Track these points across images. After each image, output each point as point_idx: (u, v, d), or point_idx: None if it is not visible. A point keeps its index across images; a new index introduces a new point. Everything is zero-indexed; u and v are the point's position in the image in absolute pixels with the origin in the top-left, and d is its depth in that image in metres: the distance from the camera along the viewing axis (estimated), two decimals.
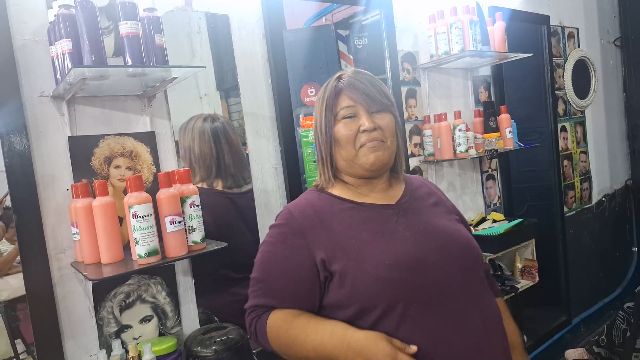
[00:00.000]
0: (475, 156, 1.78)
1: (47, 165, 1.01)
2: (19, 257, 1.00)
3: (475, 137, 1.81)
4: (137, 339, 1.09)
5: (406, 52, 1.77)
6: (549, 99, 2.34)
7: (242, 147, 1.36)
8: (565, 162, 2.51)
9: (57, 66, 0.94)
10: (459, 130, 1.73)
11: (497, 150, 1.83)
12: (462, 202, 1.97)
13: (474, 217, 2.01)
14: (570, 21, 2.57)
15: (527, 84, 2.38)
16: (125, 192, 0.96)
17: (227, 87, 1.40)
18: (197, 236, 1.00)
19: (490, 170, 2.10)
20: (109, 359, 1.02)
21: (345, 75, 0.92)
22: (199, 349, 1.04)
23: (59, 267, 1.01)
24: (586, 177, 2.68)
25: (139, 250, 0.92)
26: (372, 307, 0.81)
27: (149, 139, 1.13)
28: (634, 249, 2.98)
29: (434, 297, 0.82)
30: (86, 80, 0.91)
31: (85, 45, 0.88)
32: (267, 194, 1.35)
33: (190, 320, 1.18)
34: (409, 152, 1.77)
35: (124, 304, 1.08)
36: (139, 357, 1.00)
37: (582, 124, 2.67)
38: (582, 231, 2.59)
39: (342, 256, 0.83)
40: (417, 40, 1.82)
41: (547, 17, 2.35)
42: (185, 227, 0.99)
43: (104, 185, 0.94)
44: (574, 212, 2.55)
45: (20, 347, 1.21)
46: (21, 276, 0.98)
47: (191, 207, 1.00)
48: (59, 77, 0.94)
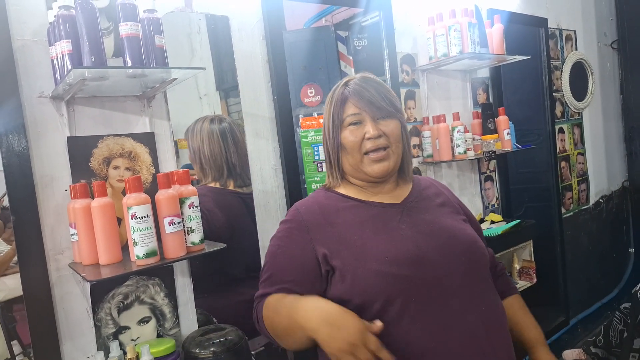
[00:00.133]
0: (473, 157, 1.79)
1: (45, 165, 1.00)
2: (16, 258, 1.00)
3: (473, 139, 1.82)
4: (135, 341, 1.09)
5: (405, 53, 1.78)
6: (547, 101, 2.35)
7: (246, 148, 1.36)
8: (562, 163, 2.52)
9: (57, 67, 0.93)
10: (458, 131, 1.74)
11: (495, 151, 1.83)
12: None
13: None
14: (568, 24, 2.58)
15: (525, 86, 2.39)
16: (124, 193, 0.95)
17: (227, 87, 1.40)
18: (196, 237, 1.00)
19: (488, 171, 2.11)
20: None
21: (352, 81, 0.93)
22: (197, 351, 1.04)
23: (57, 267, 1.01)
24: (584, 178, 2.69)
25: (138, 251, 0.91)
26: (371, 301, 0.82)
27: (148, 140, 1.12)
28: (631, 250, 2.99)
29: (434, 295, 0.83)
30: (86, 81, 0.91)
31: (85, 46, 0.88)
32: (266, 195, 1.35)
33: (188, 321, 1.18)
34: None
35: (122, 305, 1.08)
36: (137, 358, 0.99)
37: (580, 125, 2.68)
38: (579, 232, 2.60)
39: (343, 251, 0.85)
40: (416, 42, 1.82)
41: (545, 20, 2.36)
42: (184, 228, 0.98)
43: (103, 186, 0.94)
44: (572, 213, 2.56)
45: (16, 348, 1.19)
46: (18, 277, 0.97)
47: (190, 208, 1.00)
48: (59, 77, 0.94)
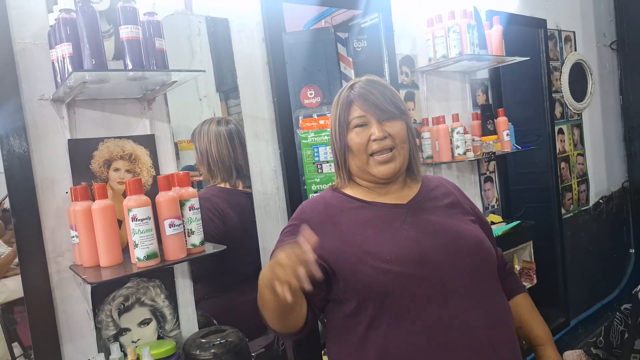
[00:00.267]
0: (473, 159, 1.79)
1: (46, 168, 1.01)
2: (16, 260, 1.00)
3: (473, 140, 1.82)
4: (135, 342, 1.09)
5: (405, 55, 1.78)
6: (546, 102, 2.35)
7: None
8: (562, 164, 2.52)
9: (57, 69, 0.94)
10: (457, 133, 1.74)
11: (494, 152, 1.83)
12: None
13: None
14: (567, 25, 2.59)
15: (524, 87, 2.39)
16: (124, 195, 0.96)
17: (227, 89, 1.40)
18: (196, 239, 1.00)
19: (488, 172, 2.11)
20: None
21: (357, 84, 0.94)
22: (197, 352, 1.04)
23: (57, 270, 1.01)
24: (583, 179, 2.69)
25: (138, 253, 0.91)
26: (371, 297, 0.83)
27: (149, 142, 1.13)
28: (631, 250, 2.99)
29: (435, 294, 0.83)
30: (86, 83, 0.91)
31: (85, 49, 0.88)
32: (266, 197, 1.35)
33: (189, 323, 1.18)
34: None
35: (122, 307, 1.08)
36: None
37: (579, 126, 2.68)
38: (579, 233, 2.60)
39: (345, 250, 0.87)
40: (416, 43, 1.82)
41: (544, 21, 2.36)
42: (184, 230, 0.99)
43: (103, 188, 0.95)
44: (572, 214, 2.56)
45: (17, 350, 1.20)
46: (19, 278, 0.98)
47: (190, 210, 1.00)
48: (59, 80, 0.94)
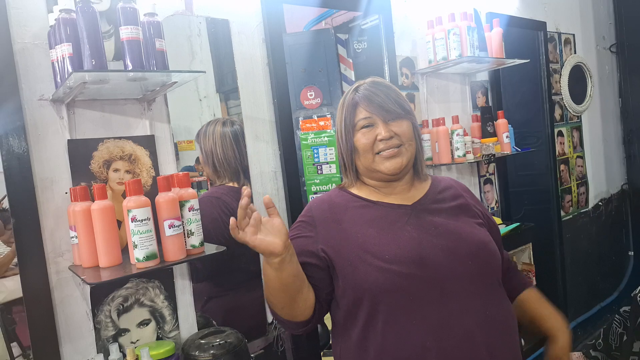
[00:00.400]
0: (472, 161, 1.79)
1: (45, 168, 1.01)
2: (15, 259, 1.00)
3: (472, 142, 1.82)
4: (134, 343, 1.09)
5: (405, 57, 1.78)
6: (546, 104, 2.36)
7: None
8: (562, 166, 2.52)
9: (57, 70, 0.94)
10: (457, 135, 1.74)
11: (494, 154, 1.84)
12: None
13: None
14: (566, 27, 2.59)
15: (524, 89, 2.40)
16: (124, 196, 0.96)
17: (227, 89, 1.40)
18: (196, 240, 1.00)
19: (487, 174, 2.11)
20: None
21: (362, 86, 0.95)
22: (196, 353, 1.04)
23: (56, 270, 1.01)
24: (583, 181, 2.69)
25: (138, 254, 0.91)
26: (368, 295, 0.85)
27: (149, 143, 1.13)
28: (630, 253, 3.00)
29: (433, 295, 0.84)
30: (86, 84, 0.91)
31: (85, 49, 0.88)
32: None
33: (188, 324, 1.18)
34: None
35: (121, 307, 1.08)
36: None
37: (579, 128, 2.69)
38: (578, 235, 2.60)
39: (346, 247, 0.88)
40: (416, 45, 1.83)
41: (543, 24, 2.36)
42: (184, 231, 0.98)
43: (103, 188, 0.94)
44: (571, 216, 2.57)
45: (16, 350, 1.19)
46: (18, 278, 0.98)
47: (190, 211, 1.00)
48: (59, 80, 0.94)
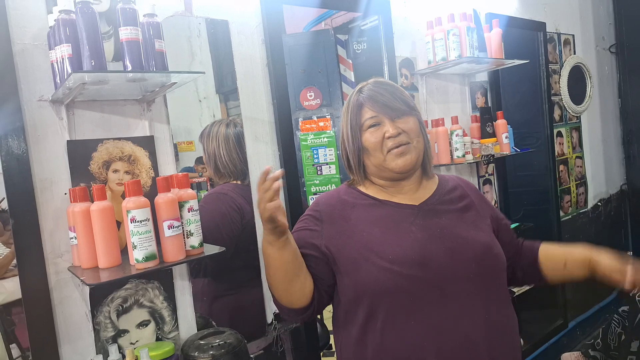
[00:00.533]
0: (472, 161, 1.80)
1: (45, 169, 1.00)
2: (15, 260, 0.99)
3: (472, 142, 1.82)
4: (134, 344, 1.09)
5: (404, 57, 1.78)
6: (545, 105, 2.36)
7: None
8: (561, 167, 2.53)
9: (57, 71, 0.94)
10: (456, 135, 1.74)
11: (493, 155, 1.84)
12: None
13: None
14: (566, 28, 2.60)
15: (523, 89, 2.40)
16: (123, 197, 0.95)
17: (227, 90, 1.40)
18: (195, 241, 1.00)
19: (487, 175, 2.11)
20: None
21: (365, 87, 0.95)
22: (196, 354, 1.04)
23: (56, 271, 1.01)
24: (582, 181, 2.70)
25: (137, 254, 0.91)
26: (369, 294, 0.85)
27: (148, 143, 1.12)
28: (629, 253, 3.00)
29: (434, 297, 0.84)
30: (85, 85, 0.91)
31: (85, 50, 0.88)
32: None
33: (187, 325, 1.18)
34: None
35: (121, 308, 1.08)
36: None
37: (578, 129, 2.69)
38: (578, 235, 2.61)
39: (350, 244, 0.89)
40: (415, 46, 1.83)
41: (543, 24, 2.37)
42: (183, 231, 0.98)
43: (102, 189, 0.94)
44: (570, 216, 2.57)
45: (15, 352, 1.19)
46: (17, 280, 0.97)
47: (189, 212, 1.00)
48: (58, 81, 0.94)
